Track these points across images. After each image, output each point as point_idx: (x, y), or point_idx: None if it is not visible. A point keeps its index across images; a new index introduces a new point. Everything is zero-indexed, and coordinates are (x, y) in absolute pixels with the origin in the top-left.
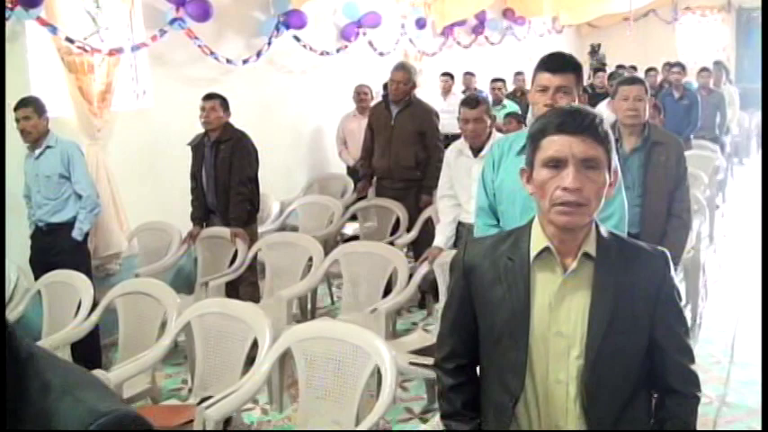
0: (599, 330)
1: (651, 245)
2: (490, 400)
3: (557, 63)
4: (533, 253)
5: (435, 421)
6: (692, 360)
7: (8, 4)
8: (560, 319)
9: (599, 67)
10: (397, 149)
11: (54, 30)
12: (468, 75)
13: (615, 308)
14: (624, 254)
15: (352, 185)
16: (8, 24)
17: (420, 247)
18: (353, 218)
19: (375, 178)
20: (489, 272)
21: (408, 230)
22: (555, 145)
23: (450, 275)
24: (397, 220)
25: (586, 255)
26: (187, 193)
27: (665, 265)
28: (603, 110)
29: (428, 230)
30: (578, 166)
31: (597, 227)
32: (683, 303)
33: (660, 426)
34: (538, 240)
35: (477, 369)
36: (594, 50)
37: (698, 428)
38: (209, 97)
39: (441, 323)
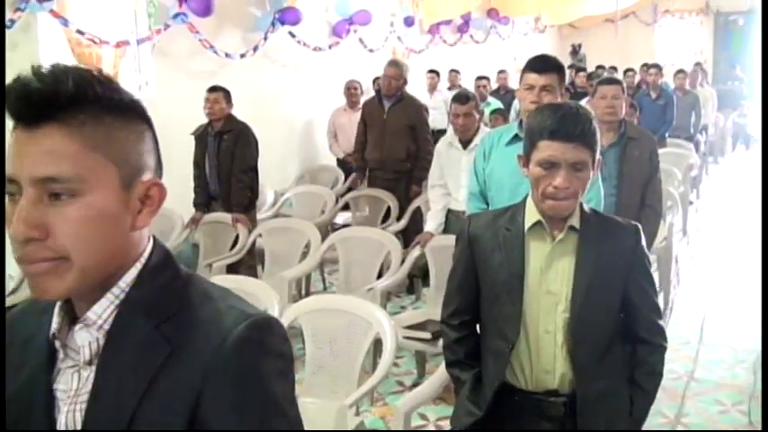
0: (581, 289)
1: (625, 219)
2: (489, 348)
3: (542, 64)
4: (527, 225)
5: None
6: (660, 316)
7: None
8: (549, 280)
9: (580, 68)
10: (390, 142)
11: (65, 22)
12: (454, 72)
13: (595, 271)
14: (603, 226)
15: (343, 176)
16: (22, 16)
17: (409, 234)
18: (345, 207)
19: (368, 170)
20: (490, 241)
21: (398, 219)
22: (549, 149)
23: (455, 245)
24: (388, 210)
25: (572, 227)
26: (189, 180)
27: (637, 235)
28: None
29: (417, 219)
30: (569, 168)
31: (581, 205)
32: (657, 288)
33: (633, 370)
34: (531, 215)
35: (477, 326)
36: (575, 50)
37: (668, 401)
38: (213, 89)
39: (447, 285)
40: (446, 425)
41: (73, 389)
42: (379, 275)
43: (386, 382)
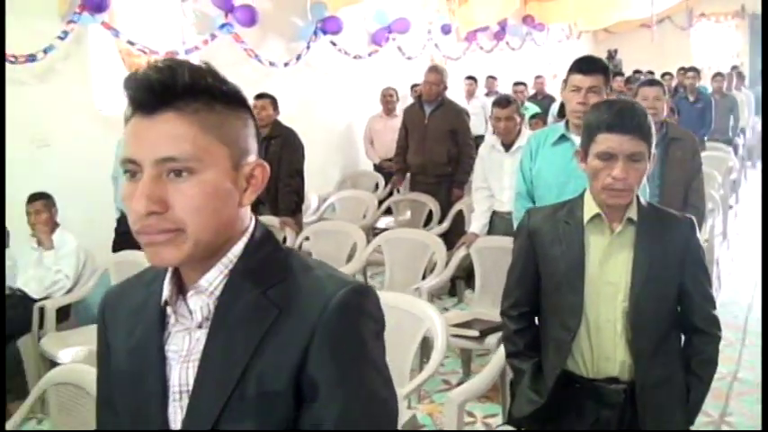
0: (640, 280)
1: (680, 213)
2: (550, 337)
3: (587, 65)
4: (587, 218)
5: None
6: (714, 307)
7: (75, 10)
8: (609, 271)
9: (617, 72)
10: (431, 146)
11: (117, 33)
12: (491, 78)
13: (652, 262)
14: (660, 219)
15: (383, 181)
16: (74, 28)
17: (452, 237)
18: (387, 212)
19: (409, 174)
20: (549, 233)
21: (440, 222)
22: (608, 142)
23: (514, 241)
24: (430, 213)
25: (630, 220)
26: None
27: (692, 228)
28: None
29: (459, 222)
30: (626, 160)
31: (638, 198)
32: (711, 280)
33: (689, 360)
34: (590, 208)
35: (536, 318)
36: (611, 56)
37: (712, 400)
38: (260, 96)
39: (507, 278)
40: (493, 423)
41: (184, 349)
42: (423, 277)
43: (432, 380)
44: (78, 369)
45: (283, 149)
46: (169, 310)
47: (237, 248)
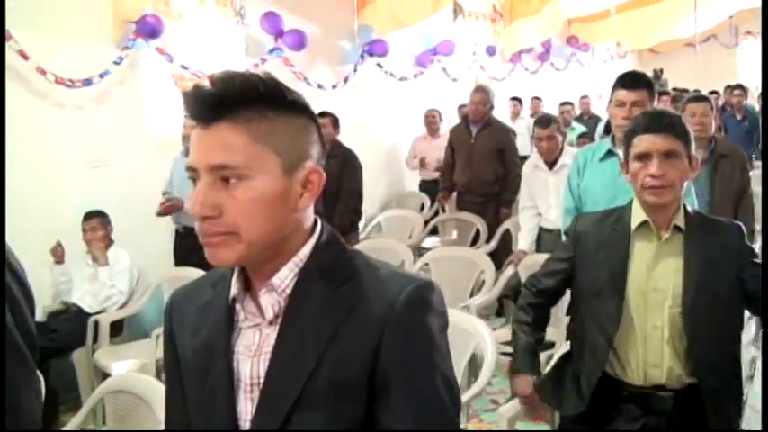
0: (692, 286)
1: (728, 219)
2: (587, 342)
3: (632, 80)
4: (634, 225)
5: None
6: None
7: (131, 36)
8: (656, 278)
9: (663, 92)
10: (478, 166)
11: (170, 58)
12: (536, 99)
13: (703, 269)
14: (707, 226)
15: (429, 201)
16: (129, 53)
17: (499, 256)
18: (433, 232)
19: (455, 193)
20: (595, 238)
21: (488, 242)
22: (643, 142)
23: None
24: (477, 233)
25: (677, 227)
26: None
27: (740, 233)
28: None
29: (506, 241)
30: (661, 157)
31: (684, 206)
32: None
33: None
34: (637, 216)
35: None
36: (657, 75)
37: None
38: (322, 115)
39: (542, 267)
40: None
41: (254, 344)
42: (470, 296)
43: (480, 399)
44: (135, 378)
45: (343, 169)
46: (238, 307)
47: (307, 249)
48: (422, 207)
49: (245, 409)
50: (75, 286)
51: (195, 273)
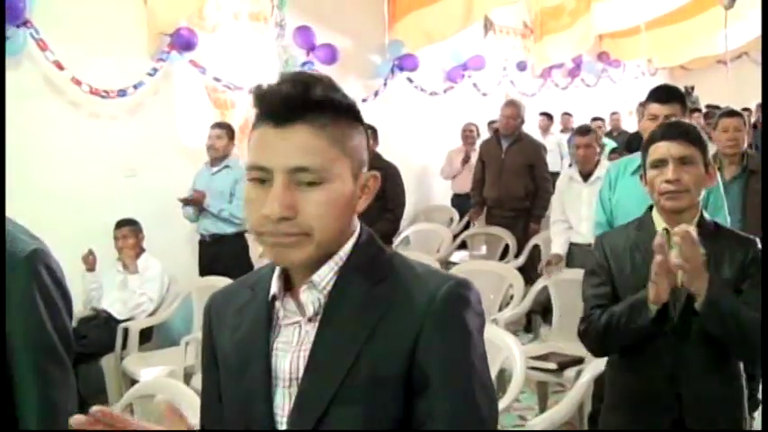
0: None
1: (744, 233)
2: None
3: (665, 94)
4: (658, 230)
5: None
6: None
7: (165, 49)
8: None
9: (694, 108)
10: (508, 180)
11: (204, 71)
12: (566, 115)
13: (710, 272)
14: (719, 235)
15: (458, 216)
16: (163, 65)
17: (528, 271)
18: (461, 246)
19: (486, 207)
20: (625, 243)
21: (516, 257)
22: (659, 149)
23: (588, 264)
24: (506, 247)
25: None
26: None
27: (751, 247)
28: None
29: (536, 256)
30: (676, 162)
31: (702, 214)
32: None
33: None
34: (658, 223)
35: None
36: (688, 92)
37: None
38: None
39: (586, 299)
40: None
41: (294, 341)
42: (498, 310)
43: (507, 415)
44: (164, 382)
45: (385, 182)
46: (278, 305)
47: (347, 248)
48: (450, 221)
49: (283, 404)
50: (105, 293)
51: (223, 282)
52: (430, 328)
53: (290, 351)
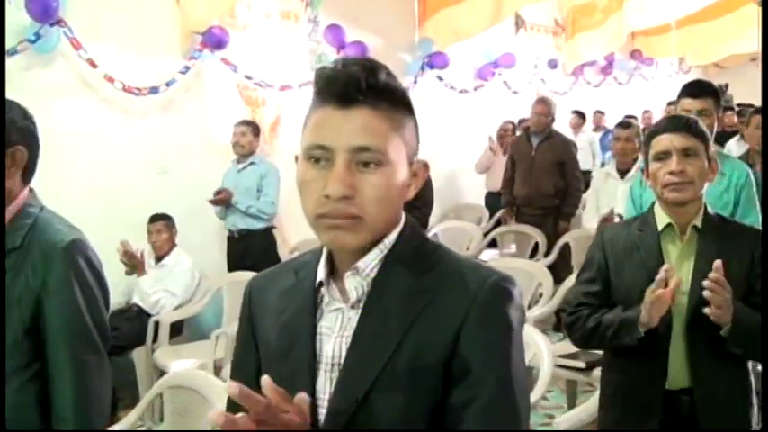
0: (698, 287)
1: (748, 225)
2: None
3: (697, 89)
4: (660, 227)
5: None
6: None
7: (197, 47)
8: (681, 280)
9: (728, 107)
10: (538, 178)
11: (235, 68)
12: (598, 113)
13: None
14: (724, 228)
15: (488, 215)
16: (195, 63)
17: (558, 270)
18: (491, 245)
19: (515, 206)
20: (626, 242)
21: (546, 255)
22: (661, 141)
23: (586, 255)
24: (535, 246)
25: (695, 228)
26: None
27: (758, 238)
28: (733, 147)
29: (566, 255)
30: (680, 154)
31: (705, 207)
32: None
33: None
34: (661, 219)
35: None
36: (722, 90)
37: None
38: None
39: (573, 289)
40: None
41: (337, 326)
42: (528, 308)
43: (535, 413)
44: (193, 374)
45: None
46: (323, 290)
47: (392, 236)
48: (480, 220)
49: (325, 387)
50: (137, 287)
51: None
52: (473, 320)
53: (333, 336)
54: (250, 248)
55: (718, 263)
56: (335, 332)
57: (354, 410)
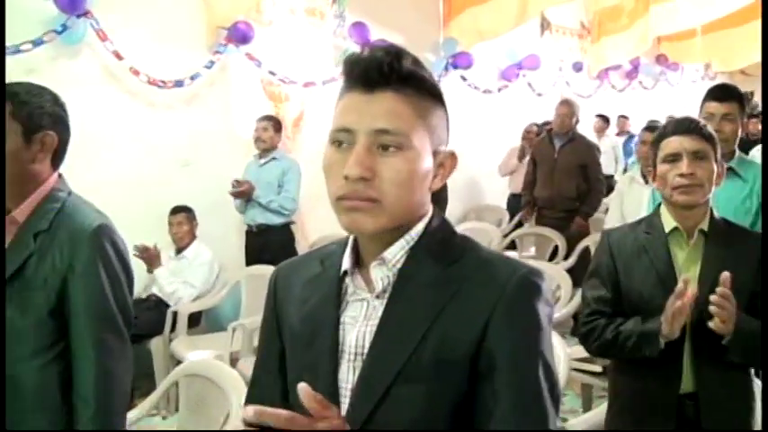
0: (705, 291)
1: (753, 229)
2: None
3: (722, 92)
4: (667, 230)
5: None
6: None
7: (222, 42)
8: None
9: (753, 114)
10: (560, 181)
11: (259, 64)
12: (623, 118)
13: (718, 273)
14: (730, 232)
15: (508, 217)
16: (220, 58)
17: (577, 273)
18: (510, 247)
19: (536, 207)
20: (633, 245)
21: (566, 258)
22: (671, 144)
23: (592, 260)
24: (555, 249)
25: (702, 231)
26: None
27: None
28: (757, 154)
29: (586, 258)
30: (690, 157)
31: (711, 211)
32: None
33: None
34: (668, 222)
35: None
36: (748, 98)
37: None
38: None
39: (584, 297)
40: None
41: (361, 316)
42: None
43: None
44: (209, 363)
45: None
46: (348, 280)
47: (419, 227)
48: (500, 222)
49: (347, 377)
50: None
51: (270, 270)
52: (501, 314)
53: (357, 325)
54: (269, 243)
55: (726, 275)
56: (360, 321)
57: (378, 401)
